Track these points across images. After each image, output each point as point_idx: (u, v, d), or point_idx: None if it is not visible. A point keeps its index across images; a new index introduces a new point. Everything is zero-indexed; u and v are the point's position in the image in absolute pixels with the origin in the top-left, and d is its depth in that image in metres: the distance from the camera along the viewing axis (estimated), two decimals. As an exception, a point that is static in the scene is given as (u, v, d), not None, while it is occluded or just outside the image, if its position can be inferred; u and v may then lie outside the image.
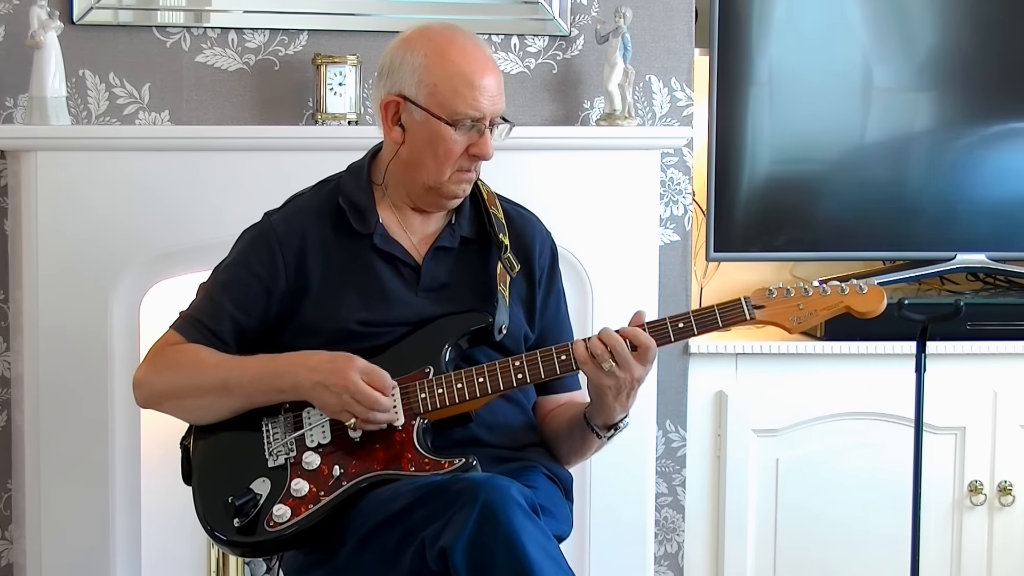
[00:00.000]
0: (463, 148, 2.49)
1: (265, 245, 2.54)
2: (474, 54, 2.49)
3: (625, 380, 2.43)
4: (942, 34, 3.75)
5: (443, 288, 2.57)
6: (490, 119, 2.49)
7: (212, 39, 3.28)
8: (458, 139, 2.48)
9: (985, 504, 3.69)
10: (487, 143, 2.50)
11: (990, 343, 3.65)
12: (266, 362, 2.46)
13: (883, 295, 2.52)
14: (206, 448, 2.49)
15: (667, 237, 3.58)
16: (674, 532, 3.64)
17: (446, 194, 2.54)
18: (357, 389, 2.37)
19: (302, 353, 2.45)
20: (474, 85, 2.46)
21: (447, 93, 2.46)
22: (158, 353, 2.54)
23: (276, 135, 3.23)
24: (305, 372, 2.41)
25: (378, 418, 2.40)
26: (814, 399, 3.64)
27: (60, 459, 3.11)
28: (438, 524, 2.20)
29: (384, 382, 2.40)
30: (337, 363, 2.40)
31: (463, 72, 2.47)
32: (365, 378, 2.38)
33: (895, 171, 3.74)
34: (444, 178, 2.51)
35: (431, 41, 2.50)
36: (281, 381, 2.43)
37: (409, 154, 2.53)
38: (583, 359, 2.42)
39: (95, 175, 3.09)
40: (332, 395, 2.38)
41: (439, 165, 2.50)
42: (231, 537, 2.39)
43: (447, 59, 2.47)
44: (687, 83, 3.55)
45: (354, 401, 2.37)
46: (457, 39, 2.50)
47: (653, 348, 2.43)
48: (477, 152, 2.50)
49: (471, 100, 2.46)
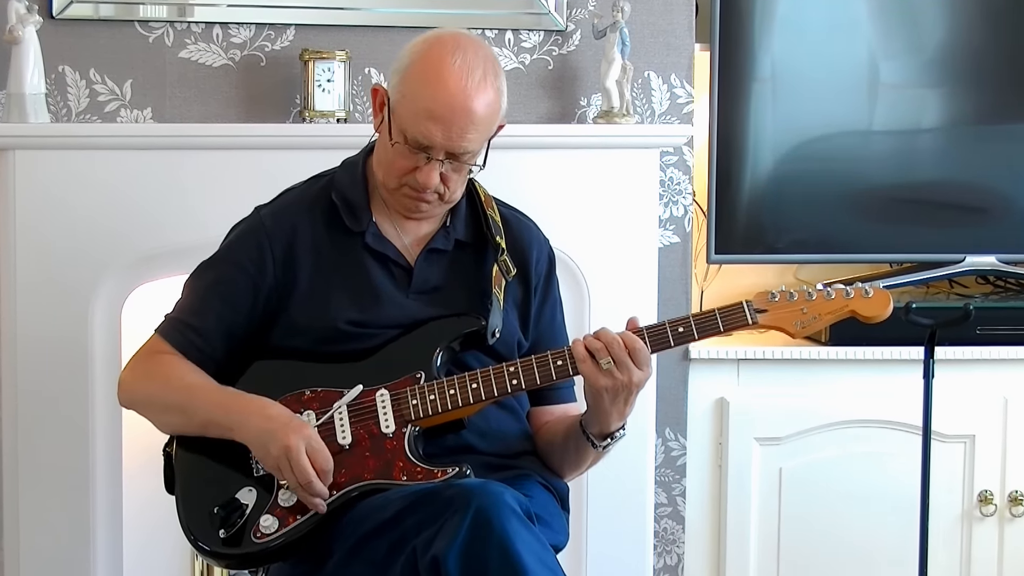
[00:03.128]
0: (407, 168, 2.47)
1: (253, 239, 2.56)
2: (456, 83, 2.41)
3: (622, 383, 2.44)
4: (951, 29, 3.76)
5: (435, 291, 2.58)
6: (444, 153, 2.45)
7: (196, 34, 3.30)
8: (403, 153, 2.46)
9: (995, 515, 3.71)
10: (429, 174, 2.45)
11: (1000, 348, 3.66)
12: (227, 397, 2.47)
13: (889, 299, 2.54)
14: (190, 456, 2.51)
15: (666, 239, 3.59)
16: (674, 543, 3.66)
17: (402, 205, 2.54)
18: (295, 458, 2.35)
19: (267, 401, 2.45)
20: (432, 116, 2.41)
21: (408, 109, 2.44)
22: (141, 359, 2.57)
23: (262, 133, 3.24)
24: (257, 419, 2.41)
25: (306, 497, 2.38)
26: (818, 406, 3.66)
27: (39, 466, 3.13)
28: (430, 531, 2.21)
29: (325, 466, 2.38)
30: (291, 424, 2.40)
31: (430, 97, 2.41)
32: (309, 451, 2.37)
33: (902, 170, 3.76)
34: (392, 187, 2.51)
35: (428, 51, 2.46)
36: (230, 419, 2.44)
37: (378, 146, 2.55)
38: (581, 357, 2.44)
39: (75, 175, 3.10)
40: (268, 453, 2.38)
41: (386, 171, 2.51)
42: (216, 548, 2.40)
43: (425, 77, 2.43)
44: (687, 79, 3.57)
45: (289, 467, 2.36)
46: (448, 61, 2.43)
47: (644, 351, 2.44)
48: (419, 179, 2.46)
49: (423, 128, 2.42)
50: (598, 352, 2.43)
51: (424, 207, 2.53)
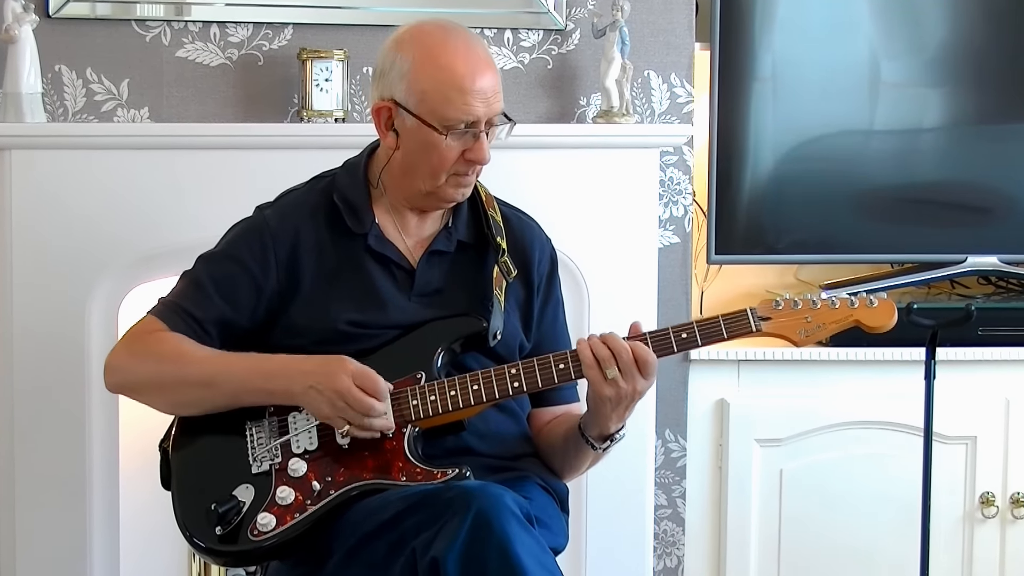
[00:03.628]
0: (458, 153, 2.49)
1: (258, 239, 2.56)
2: (466, 55, 2.48)
3: (626, 391, 2.44)
4: (953, 28, 3.76)
5: (437, 293, 2.59)
6: (486, 121, 2.49)
7: (193, 33, 3.30)
8: (452, 144, 2.48)
9: (997, 517, 3.71)
10: (483, 147, 2.50)
11: (1002, 349, 3.66)
12: (257, 362, 2.47)
13: (894, 309, 2.54)
14: (186, 452, 2.50)
15: (666, 239, 3.59)
16: (674, 546, 3.66)
17: (444, 198, 2.56)
18: (351, 395, 2.38)
19: (294, 356, 2.46)
20: (465, 90, 2.45)
21: (437, 99, 2.46)
22: (137, 338, 2.53)
23: (260, 133, 3.24)
24: (298, 376, 2.41)
25: (373, 424, 2.40)
26: (819, 407, 3.65)
27: (35, 467, 3.12)
28: (429, 533, 2.21)
29: (378, 387, 2.40)
30: (330, 366, 2.41)
31: (453, 77, 2.46)
32: (358, 382, 2.39)
33: (904, 170, 3.76)
34: (439, 183, 2.52)
35: (420, 43, 2.49)
36: (272, 383, 2.44)
37: (404, 160, 2.54)
38: (588, 363, 2.44)
39: (72, 174, 3.10)
40: (325, 400, 2.39)
41: (433, 172, 2.51)
42: (212, 546, 2.40)
43: (437, 63, 2.46)
44: (687, 79, 3.57)
45: (348, 407, 2.38)
46: (448, 40, 2.49)
47: (654, 363, 2.45)
48: (473, 157, 2.49)
49: (463, 105, 2.46)
50: (605, 361, 2.43)
51: (468, 188, 2.56)
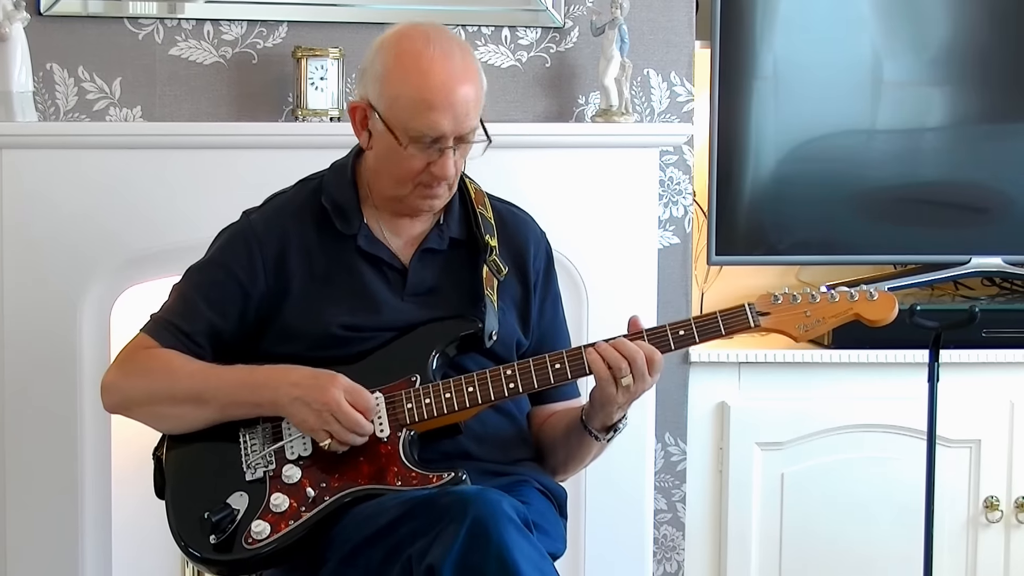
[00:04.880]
0: (423, 165, 2.47)
1: (243, 245, 2.55)
2: (442, 67, 2.43)
3: (635, 392, 2.46)
4: (956, 27, 3.76)
5: (431, 292, 2.58)
6: (456, 136, 2.46)
7: (186, 31, 3.30)
8: (415, 155, 2.46)
9: (1002, 521, 3.71)
10: (446, 164, 2.46)
11: (1007, 351, 3.67)
12: (245, 374, 2.48)
13: (894, 302, 2.54)
14: (180, 460, 2.50)
15: (666, 240, 3.59)
16: (674, 550, 3.66)
17: (412, 207, 2.55)
18: (339, 409, 2.38)
19: (283, 367, 2.46)
20: (433, 104, 2.42)
21: (405, 109, 2.44)
22: (129, 357, 2.55)
23: (254, 132, 3.24)
24: (285, 387, 2.42)
25: (356, 441, 2.41)
26: (821, 410, 3.66)
27: (26, 471, 3.12)
28: (425, 540, 2.21)
29: (367, 403, 2.41)
30: (320, 380, 2.41)
31: (421, 90, 2.42)
32: (348, 398, 2.39)
33: (906, 170, 3.76)
34: (405, 192, 2.51)
35: (399, 48, 2.47)
36: (258, 395, 2.44)
37: (375, 161, 2.54)
38: (603, 376, 2.44)
39: (63, 174, 3.10)
40: (311, 412, 2.39)
41: (399, 180, 2.50)
42: (207, 554, 2.40)
43: (408, 72, 2.44)
44: (687, 77, 3.57)
45: (335, 420, 2.39)
46: (426, 50, 2.44)
47: (660, 361, 2.46)
48: (437, 172, 2.47)
49: (428, 120, 2.43)
50: (619, 371, 2.43)
51: (438, 200, 2.54)
